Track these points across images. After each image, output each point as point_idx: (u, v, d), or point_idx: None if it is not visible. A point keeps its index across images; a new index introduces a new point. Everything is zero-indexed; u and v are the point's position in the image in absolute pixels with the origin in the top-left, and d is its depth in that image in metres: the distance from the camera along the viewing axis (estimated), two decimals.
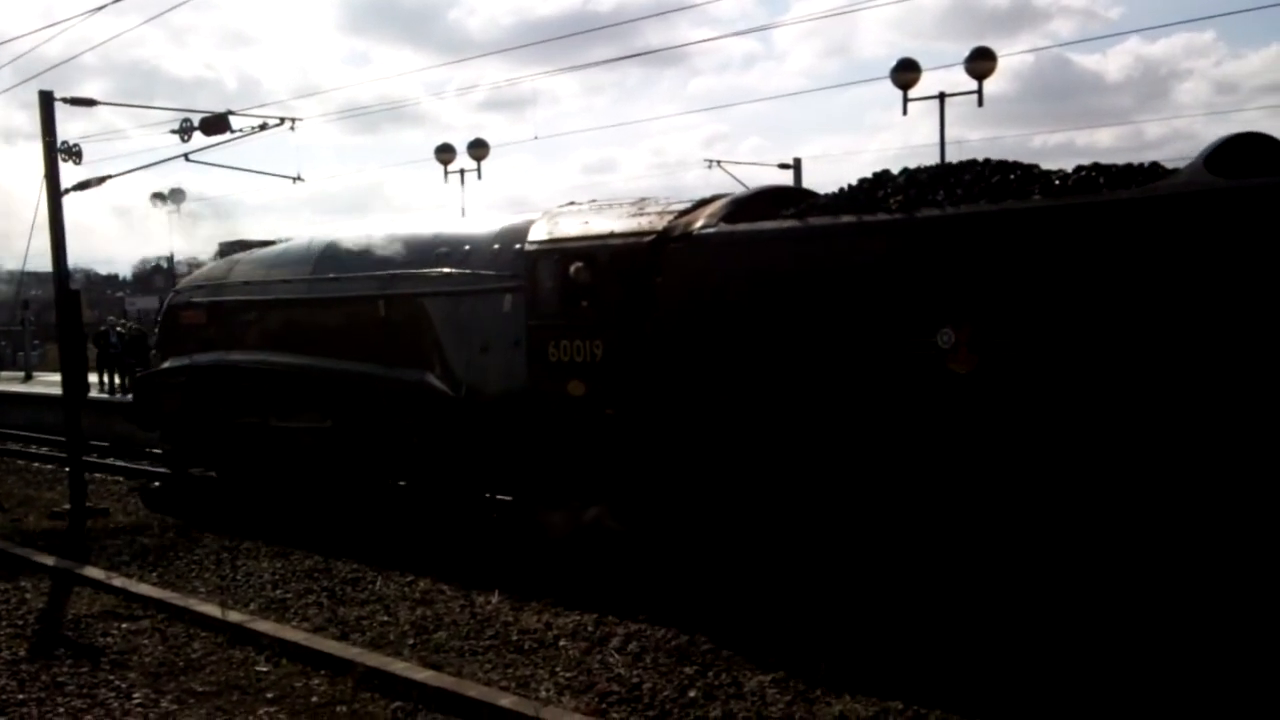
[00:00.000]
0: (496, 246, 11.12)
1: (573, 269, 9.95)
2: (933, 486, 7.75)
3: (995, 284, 7.41)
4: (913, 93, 26.03)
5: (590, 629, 8.31)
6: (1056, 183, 7.59)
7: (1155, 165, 7.49)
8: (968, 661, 7.05)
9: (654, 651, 7.73)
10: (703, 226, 9.30)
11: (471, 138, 36.53)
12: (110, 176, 15.04)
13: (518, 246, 10.75)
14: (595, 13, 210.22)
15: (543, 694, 7.04)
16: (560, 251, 10.19)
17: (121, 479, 17.06)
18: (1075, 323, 7.05)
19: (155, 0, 19.36)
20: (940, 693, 6.62)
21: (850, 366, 8.09)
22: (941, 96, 26.10)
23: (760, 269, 8.74)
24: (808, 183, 29.17)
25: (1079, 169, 7.63)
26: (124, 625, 9.08)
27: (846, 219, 8.38)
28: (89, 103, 15.09)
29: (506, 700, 6.85)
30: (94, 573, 10.71)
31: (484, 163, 35.05)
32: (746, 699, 6.80)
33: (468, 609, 9.01)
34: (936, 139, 26.15)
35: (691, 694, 6.91)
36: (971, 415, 7.50)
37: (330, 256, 13.29)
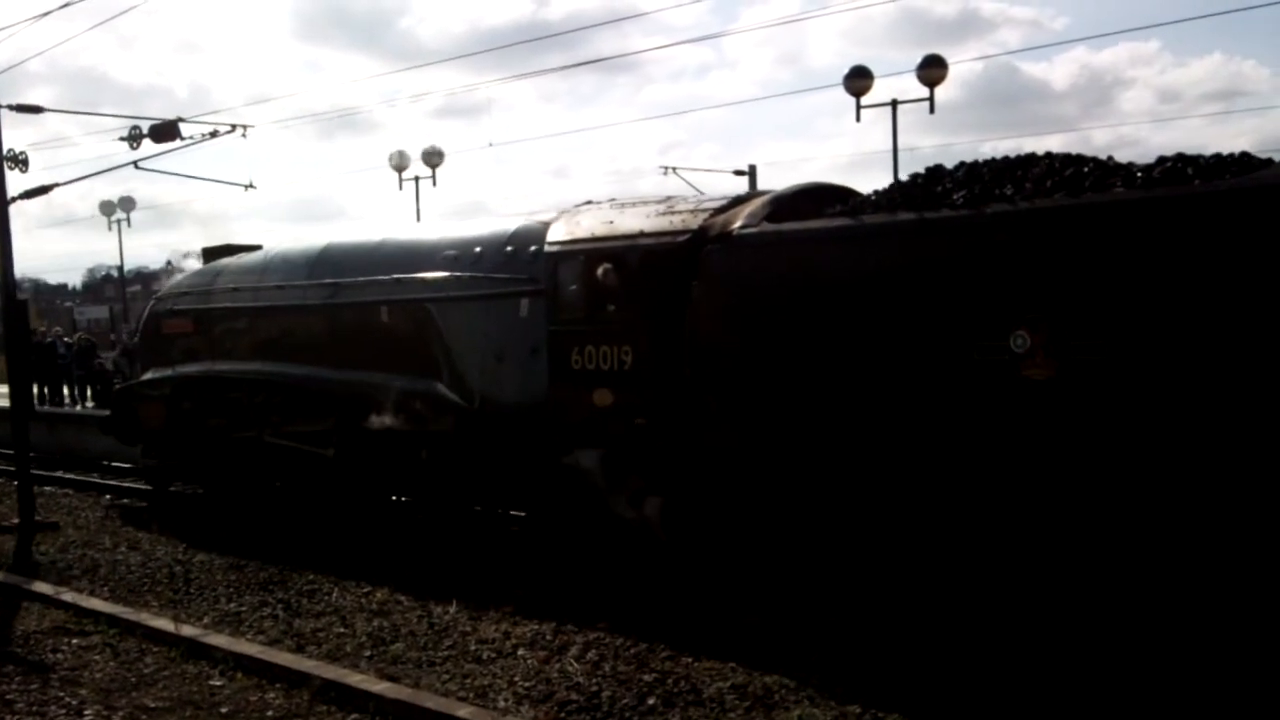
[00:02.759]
0: (510, 248, 10.65)
1: (600, 271, 9.43)
2: (1003, 500, 7.30)
3: (1076, 283, 6.93)
4: (865, 100, 26.24)
5: (549, 638, 8.29)
6: (1139, 175, 7.16)
7: (1246, 155, 7.08)
8: (965, 671, 7.01)
9: (613, 659, 7.73)
10: (744, 226, 8.81)
11: (426, 145, 36.33)
12: (58, 184, 14.86)
13: (533, 248, 10.32)
14: (546, 21, 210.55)
15: (501, 704, 7.01)
16: (585, 253, 9.68)
17: (71, 491, 16.79)
18: (1169, 324, 6.61)
19: (103, 6, 19.14)
20: (908, 699, 6.66)
21: (913, 372, 7.64)
22: (894, 103, 26.34)
23: (810, 270, 8.27)
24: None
25: (1162, 160, 7.19)
26: (74, 641, 8.93)
27: (906, 216, 7.88)
28: (35, 110, 14.90)
29: (465, 711, 6.81)
30: (43, 588, 10.53)
31: (439, 169, 34.91)
32: (706, 705, 6.81)
33: (425, 619, 8.96)
34: (887, 145, 26.44)
35: (650, 701, 6.91)
36: (1050, 425, 7.03)
37: (327, 261, 12.72)
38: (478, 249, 10.97)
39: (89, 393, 26.48)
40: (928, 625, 7.59)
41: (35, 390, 24.96)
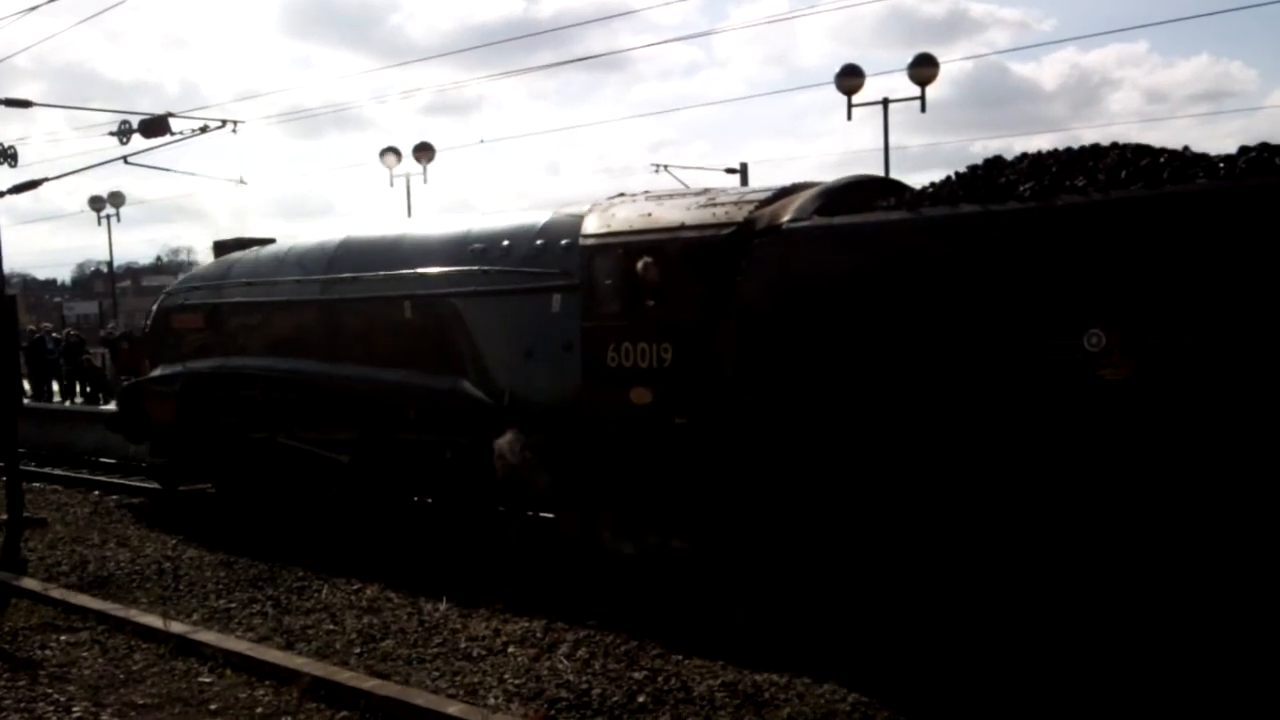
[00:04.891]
0: (540, 242, 10.31)
1: (640, 265, 9.07)
2: (1075, 508, 6.96)
3: (1157, 279, 6.60)
4: (856, 99, 26.27)
5: (539, 635, 8.29)
6: (1221, 165, 6.78)
7: None
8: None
9: (603, 657, 7.73)
10: (793, 219, 8.45)
11: (416, 141, 36.26)
12: (47, 179, 14.80)
13: (565, 242, 10.00)
14: (535, 19, 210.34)
15: (491, 701, 7.01)
16: (622, 246, 9.33)
17: (60, 488, 16.74)
18: (1258, 321, 6.28)
19: (90, 1, 19.08)
20: (899, 698, 6.68)
21: (977, 373, 7.30)
22: (886, 102, 26.37)
23: (867, 266, 7.92)
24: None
25: (1245, 149, 6.84)
26: (63, 637, 8.91)
27: (969, 209, 7.53)
28: (24, 104, 14.88)
29: (454, 708, 6.81)
30: (31, 584, 10.50)
31: (429, 166, 34.88)
32: (696, 703, 6.82)
33: (415, 616, 8.95)
34: (875, 144, 26.46)
35: (641, 699, 6.92)
36: (1127, 427, 6.70)
37: (347, 254, 12.33)
38: (506, 242, 10.64)
39: (78, 389, 26.42)
40: (943, 629, 7.46)
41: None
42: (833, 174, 9.20)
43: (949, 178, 8.18)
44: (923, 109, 25.53)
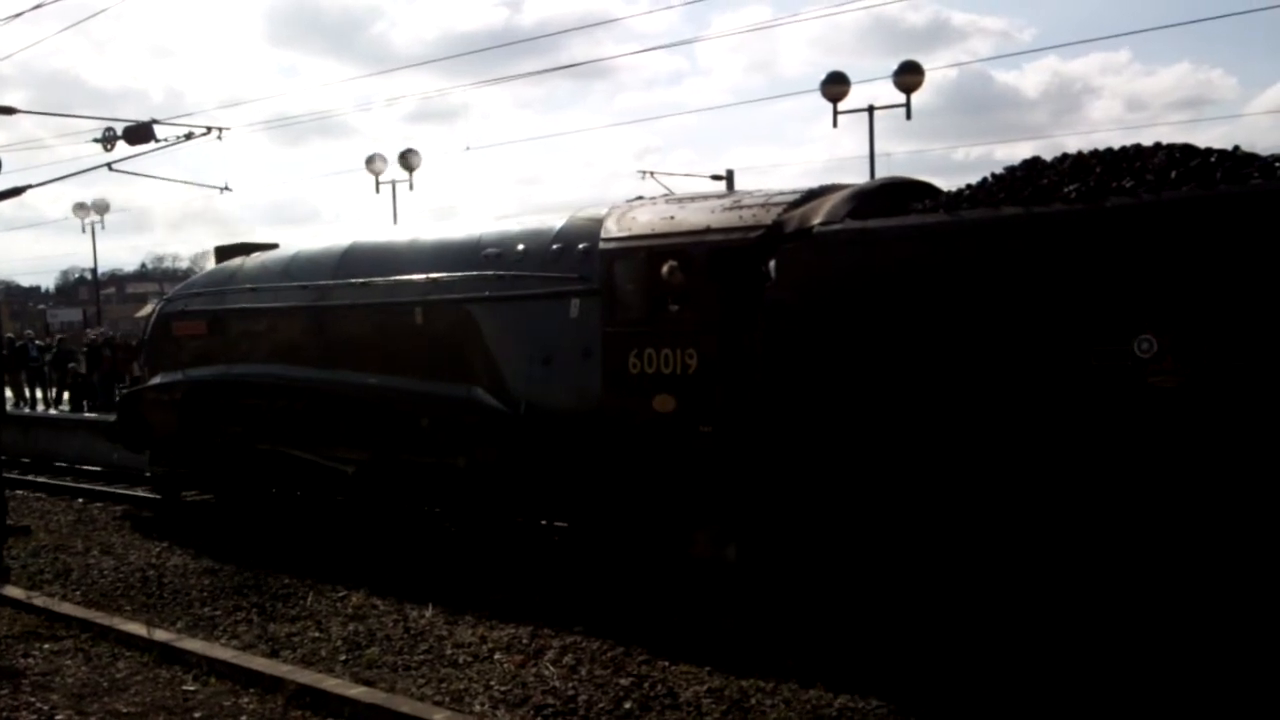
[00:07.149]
0: (557, 246, 10.16)
1: (665, 269, 8.91)
2: (1126, 519, 6.78)
3: (1212, 283, 6.42)
4: (841, 106, 26.32)
5: (525, 641, 8.28)
6: (1277, 165, 6.65)
7: None
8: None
9: (589, 663, 7.72)
10: (825, 222, 8.26)
11: (401, 149, 36.18)
12: (31, 186, 14.73)
13: (582, 246, 9.86)
14: (519, 27, 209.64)
15: (477, 708, 6.99)
16: (645, 250, 9.17)
17: (44, 495, 16.65)
18: None
19: (74, 9, 19.03)
20: (886, 702, 6.68)
21: (1021, 380, 7.12)
22: (871, 109, 26.45)
23: (904, 270, 7.73)
24: None
25: None
26: (46, 646, 8.86)
27: (1011, 211, 7.35)
28: (8, 111, 14.78)
29: (440, 715, 6.80)
30: (14, 592, 10.43)
31: (415, 173, 34.82)
32: (682, 709, 6.81)
33: (401, 623, 8.93)
34: (859, 151, 26.68)
35: (627, 705, 6.91)
36: (1180, 437, 6.51)
37: (355, 259, 12.14)
38: (521, 246, 10.48)
39: (64, 397, 26.30)
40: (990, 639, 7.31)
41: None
42: (819, 180, 9.14)
43: (985, 180, 8.05)
44: (908, 115, 25.65)
